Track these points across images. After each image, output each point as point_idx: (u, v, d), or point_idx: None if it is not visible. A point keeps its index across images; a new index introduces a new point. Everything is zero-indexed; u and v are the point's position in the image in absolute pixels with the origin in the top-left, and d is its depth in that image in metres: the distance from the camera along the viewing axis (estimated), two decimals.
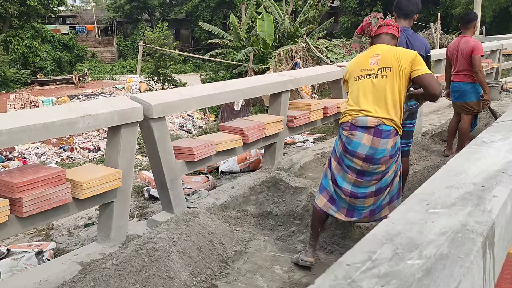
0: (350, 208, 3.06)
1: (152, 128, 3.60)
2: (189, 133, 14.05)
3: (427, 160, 5.78)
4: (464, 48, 5.36)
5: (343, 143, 2.99)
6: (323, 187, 3.16)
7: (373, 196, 3.00)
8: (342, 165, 3.02)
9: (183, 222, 3.34)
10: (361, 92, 2.97)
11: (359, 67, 3.02)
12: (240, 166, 5.75)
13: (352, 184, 3.00)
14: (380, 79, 2.93)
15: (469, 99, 5.50)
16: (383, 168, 2.93)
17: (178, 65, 24.04)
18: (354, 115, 2.95)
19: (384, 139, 2.88)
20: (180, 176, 3.98)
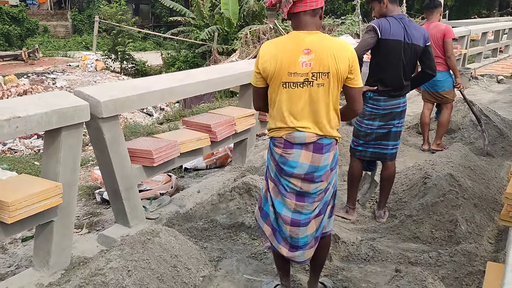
0: (293, 241, 2.46)
1: (102, 130, 2.99)
2: (150, 116, 13.31)
3: (406, 156, 5.41)
4: (435, 33, 5.12)
5: (276, 162, 2.40)
6: (265, 213, 2.54)
7: (314, 218, 2.44)
8: (279, 186, 2.43)
9: (140, 245, 2.77)
10: (294, 106, 2.31)
11: (289, 68, 2.27)
12: (206, 163, 5.20)
13: (292, 211, 2.42)
14: (316, 88, 2.28)
15: (442, 88, 5.28)
16: (325, 185, 2.40)
17: (137, 42, 22.91)
18: (288, 131, 2.34)
19: (326, 153, 2.35)
20: (136, 183, 3.40)
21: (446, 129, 5.50)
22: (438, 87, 5.25)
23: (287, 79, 2.29)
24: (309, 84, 2.27)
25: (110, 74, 18.06)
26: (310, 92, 2.29)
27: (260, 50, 2.38)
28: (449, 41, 5.10)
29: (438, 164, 3.95)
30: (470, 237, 3.24)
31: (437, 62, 5.09)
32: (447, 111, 5.37)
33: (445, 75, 5.19)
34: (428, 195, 3.56)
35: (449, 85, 5.26)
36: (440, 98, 5.34)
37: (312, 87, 2.28)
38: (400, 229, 3.48)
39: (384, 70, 3.48)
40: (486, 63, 12.96)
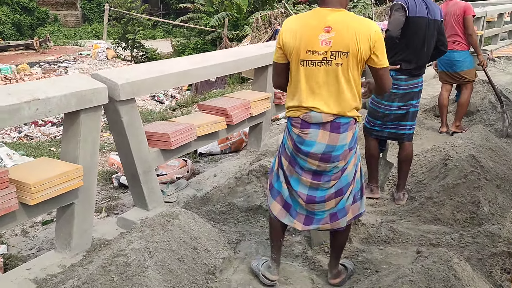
0: (309, 214, 2.49)
1: (120, 113, 2.97)
2: (161, 103, 13.30)
3: (423, 138, 5.35)
4: (455, 10, 5.01)
5: (293, 141, 2.40)
6: (276, 191, 2.55)
7: (333, 198, 2.43)
8: (295, 166, 2.42)
9: (160, 227, 2.76)
10: (310, 84, 2.28)
11: (307, 46, 2.23)
12: (220, 147, 5.18)
13: (308, 188, 2.42)
14: (334, 68, 2.23)
15: (461, 68, 5.16)
16: (343, 164, 2.37)
17: (147, 30, 22.82)
18: (304, 110, 2.31)
19: (343, 133, 2.31)
20: (154, 167, 3.39)
21: (466, 110, 5.40)
22: (457, 67, 5.14)
23: (305, 57, 2.26)
24: (327, 63, 2.23)
25: (121, 62, 18.06)
26: (328, 71, 2.25)
27: (282, 25, 2.36)
28: (470, 18, 4.96)
29: (459, 145, 3.88)
30: (493, 219, 3.19)
31: (456, 41, 5.01)
32: (466, 91, 5.25)
33: (464, 55, 5.08)
34: (449, 176, 3.50)
35: (468, 64, 5.14)
36: (459, 78, 5.22)
37: (330, 66, 2.23)
38: (420, 211, 3.44)
39: (410, 48, 3.42)
40: (502, 45, 12.72)
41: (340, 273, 2.70)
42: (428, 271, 2.18)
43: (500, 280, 2.56)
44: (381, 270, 2.72)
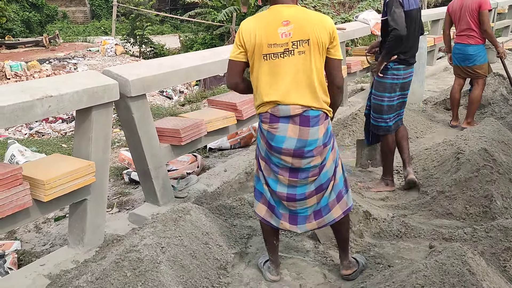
0: (292, 213, 2.49)
1: (131, 109, 2.98)
2: (170, 99, 13.31)
3: (434, 132, 5.31)
4: (470, 4, 4.91)
5: (265, 139, 2.39)
6: (259, 192, 2.56)
7: (314, 195, 2.43)
8: (270, 165, 2.43)
9: (172, 222, 2.78)
10: (275, 78, 2.29)
11: (268, 40, 2.26)
12: (230, 142, 5.18)
13: (287, 186, 2.42)
14: (297, 57, 2.26)
15: (473, 62, 5.07)
16: (319, 160, 2.35)
17: (155, 26, 22.83)
18: (272, 105, 2.31)
19: (314, 127, 2.29)
20: (165, 162, 3.40)
21: (477, 106, 5.30)
22: (470, 61, 5.06)
23: (267, 51, 2.29)
24: (289, 53, 2.27)
25: (130, 58, 18.12)
26: (292, 61, 2.27)
27: (240, 25, 2.40)
28: (485, 12, 4.85)
29: (471, 139, 3.84)
30: (506, 213, 3.16)
31: (471, 35, 4.93)
32: (478, 87, 5.16)
33: (478, 49, 4.99)
34: (461, 170, 3.47)
35: (481, 59, 5.04)
36: (472, 73, 5.13)
37: (293, 55, 2.27)
38: (432, 205, 3.42)
39: (406, 39, 3.47)
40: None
41: (351, 264, 2.70)
42: (442, 266, 2.16)
43: None
44: (394, 265, 2.70)
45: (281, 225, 2.55)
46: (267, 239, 2.70)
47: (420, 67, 6.11)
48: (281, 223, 2.54)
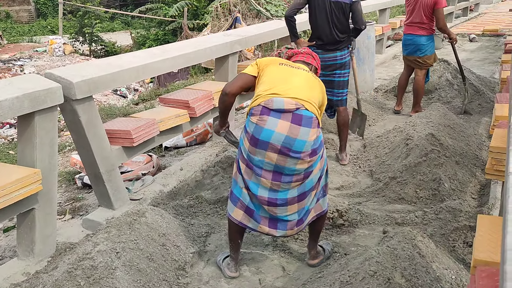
0: (272, 217, 2.48)
1: (77, 112, 2.89)
2: (124, 97, 13.02)
3: (385, 119, 5.45)
4: (427, 1, 4.93)
5: (250, 135, 2.33)
6: (235, 196, 2.52)
7: (296, 202, 2.42)
8: (253, 167, 2.38)
9: (126, 226, 2.72)
10: (283, 75, 2.44)
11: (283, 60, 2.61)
12: (186, 140, 5.12)
13: (268, 190, 2.39)
14: (310, 74, 2.54)
15: (423, 53, 5.15)
16: (305, 166, 2.34)
17: (105, 23, 22.22)
18: (267, 97, 2.33)
19: (305, 127, 2.29)
20: (117, 165, 3.32)
21: (423, 94, 5.41)
22: (421, 51, 5.12)
23: (284, 62, 2.56)
24: (303, 69, 2.53)
25: (80, 57, 17.53)
26: (302, 72, 2.50)
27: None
28: (441, 10, 4.88)
29: (419, 124, 3.97)
30: (454, 194, 3.29)
31: (422, 27, 5.04)
32: (421, 76, 5.25)
33: (428, 39, 5.07)
34: (410, 156, 3.58)
35: (431, 49, 5.14)
36: (420, 63, 5.19)
37: (304, 71, 2.52)
38: (385, 192, 3.51)
39: (317, 27, 3.93)
40: (457, 22, 13.06)
41: (318, 254, 2.74)
42: (393, 251, 2.23)
43: (462, 254, 2.65)
44: (350, 253, 2.76)
45: (260, 228, 2.52)
46: (233, 238, 2.67)
47: (369, 56, 6.25)
48: (259, 226, 2.51)
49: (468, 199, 3.29)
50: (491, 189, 3.26)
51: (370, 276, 2.13)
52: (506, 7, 15.64)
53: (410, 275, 2.11)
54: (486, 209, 3.00)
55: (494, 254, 1.37)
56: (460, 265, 2.41)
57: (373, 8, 9.31)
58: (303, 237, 3.01)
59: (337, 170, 4.03)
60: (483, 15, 14.77)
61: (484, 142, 4.23)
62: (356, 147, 4.49)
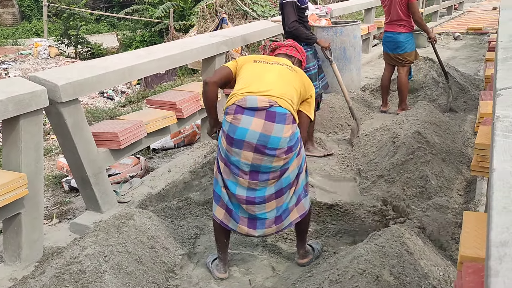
0: (251, 217, 2.48)
1: (63, 115, 2.86)
2: (111, 99, 12.92)
3: (372, 118, 5.47)
4: None
5: (226, 134, 2.36)
6: (217, 195, 2.55)
7: (274, 199, 2.43)
8: (230, 166, 2.40)
9: (114, 229, 2.70)
10: (257, 72, 2.47)
11: (259, 56, 2.64)
12: (174, 142, 5.10)
13: (246, 189, 2.40)
14: (285, 68, 2.53)
15: (404, 50, 5.19)
16: (281, 163, 2.35)
17: (90, 25, 22.05)
18: (241, 95, 2.35)
19: (279, 124, 2.29)
20: (105, 168, 3.30)
21: (407, 91, 5.42)
22: (400, 49, 5.17)
23: (258, 59, 2.57)
24: (279, 64, 2.54)
25: (65, 59, 17.36)
26: (279, 68, 2.50)
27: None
28: (414, 3, 4.94)
29: (405, 123, 4.00)
30: (441, 191, 3.32)
31: (401, 24, 5.09)
32: (403, 73, 5.27)
33: (407, 36, 5.12)
34: (397, 154, 3.61)
35: (410, 46, 5.18)
36: (401, 60, 5.24)
37: (281, 66, 2.52)
38: (373, 190, 3.53)
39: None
40: (442, 21, 13.18)
41: (307, 253, 2.75)
42: (382, 249, 2.25)
43: (450, 250, 2.68)
44: (339, 251, 2.77)
45: (239, 228, 2.52)
46: (218, 238, 2.67)
47: (356, 55, 6.29)
48: (238, 226, 2.51)
49: (455, 196, 3.32)
50: (477, 185, 3.29)
51: (359, 274, 2.14)
52: (489, 6, 15.82)
53: (399, 273, 2.13)
54: (472, 206, 3.03)
55: (480, 250, 1.38)
56: (447, 261, 2.44)
57: (359, 8, 9.37)
58: (292, 237, 3.01)
59: (325, 169, 4.05)
60: (467, 14, 14.93)
61: (469, 139, 4.27)
62: (344, 146, 4.51)
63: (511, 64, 2.16)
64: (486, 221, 1.21)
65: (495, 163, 1.13)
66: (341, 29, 5.90)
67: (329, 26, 6.07)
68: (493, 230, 0.85)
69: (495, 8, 14.20)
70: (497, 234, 0.85)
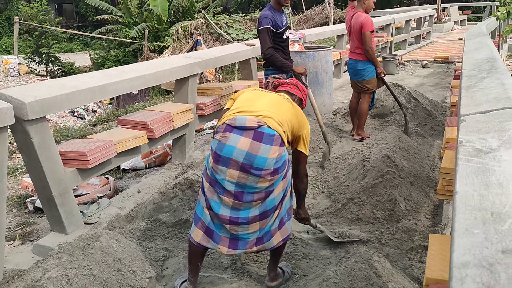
0: (233, 237, 2.46)
1: (29, 133, 2.79)
2: (82, 119, 12.71)
3: (343, 141, 5.55)
4: (355, 24, 5.11)
5: (214, 152, 2.36)
6: (197, 217, 2.52)
7: (258, 220, 2.41)
8: (215, 185, 2.38)
9: (79, 251, 2.62)
10: (253, 98, 2.51)
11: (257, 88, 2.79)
12: (144, 162, 5.04)
13: (230, 208, 2.38)
14: (281, 97, 2.56)
15: (362, 77, 5.27)
16: (266, 184, 2.34)
17: (63, 43, 21.81)
18: (232, 115, 2.38)
19: (266, 144, 2.29)
20: (71, 188, 3.22)
21: (366, 118, 5.50)
22: (359, 76, 5.26)
23: (258, 89, 2.65)
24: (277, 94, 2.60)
25: (35, 77, 17.07)
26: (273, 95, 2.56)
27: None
28: (367, 34, 5.00)
29: (375, 146, 4.07)
30: (409, 214, 3.37)
31: (358, 53, 5.22)
32: (365, 100, 5.36)
33: (365, 64, 5.18)
34: (367, 177, 3.66)
35: (369, 74, 5.22)
36: (361, 87, 5.32)
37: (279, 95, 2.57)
38: (343, 212, 3.56)
39: None
40: (411, 49, 13.62)
41: (277, 276, 2.72)
42: (351, 271, 2.25)
43: (418, 273, 2.71)
44: (309, 274, 2.76)
45: (219, 249, 2.48)
46: (192, 261, 2.62)
47: (328, 80, 6.40)
48: (219, 247, 2.47)
49: (423, 219, 3.37)
50: (444, 209, 3.36)
51: None
52: (456, 36, 16.47)
53: None
54: (439, 229, 3.09)
55: (445, 272, 1.40)
56: (415, 284, 2.46)
57: (331, 34, 9.61)
58: (262, 259, 2.99)
59: None
60: (434, 43, 15.48)
61: (436, 163, 4.38)
62: (315, 169, 4.54)
63: (474, 92, 2.23)
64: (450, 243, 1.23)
65: (458, 186, 1.15)
66: (313, 54, 6.01)
67: (302, 50, 6.18)
68: (455, 252, 0.86)
69: (460, 39, 14.79)
70: (459, 256, 0.86)
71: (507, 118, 1.62)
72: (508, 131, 1.45)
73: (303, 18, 19.74)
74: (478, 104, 1.94)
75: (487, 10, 22.56)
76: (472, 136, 1.49)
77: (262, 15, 4.15)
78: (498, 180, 1.14)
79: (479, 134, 1.51)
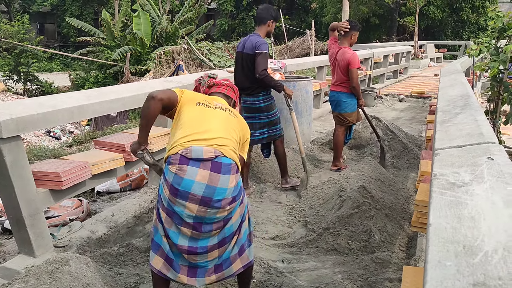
0: (192, 265, 2.41)
1: (2, 151, 2.73)
2: (58, 139, 12.50)
3: (321, 171, 5.58)
4: (341, 60, 5.16)
5: (170, 186, 2.26)
6: (156, 244, 2.42)
7: (216, 248, 2.38)
8: (173, 217, 2.30)
9: (47, 275, 2.53)
10: (201, 119, 2.41)
11: (201, 96, 2.58)
12: (120, 185, 4.96)
13: (189, 239, 2.33)
14: (228, 114, 2.53)
15: (344, 109, 5.30)
16: (225, 214, 2.31)
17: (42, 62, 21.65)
18: (185, 145, 2.30)
19: (224, 175, 2.27)
20: (43, 209, 3.13)
21: (342, 150, 5.54)
22: (341, 108, 5.29)
23: (201, 100, 2.52)
24: (220, 108, 2.52)
25: (12, 96, 16.81)
26: (220, 112, 2.49)
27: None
28: (354, 70, 5.05)
29: (352, 177, 4.11)
30: (384, 246, 3.38)
31: (341, 85, 5.30)
32: (339, 132, 5.40)
33: (349, 97, 5.23)
34: (343, 207, 3.68)
35: (352, 107, 5.27)
36: (341, 119, 5.34)
37: (222, 110, 2.51)
38: (318, 242, 3.55)
39: (235, 74, 4.54)
40: (388, 83, 13.96)
41: None
42: None
43: None
44: None
45: (179, 278, 2.41)
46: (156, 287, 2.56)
47: (307, 109, 6.48)
48: (178, 276, 2.40)
49: (397, 251, 3.39)
50: (418, 241, 3.38)
51: None
52: (432, 72, 17.00)
53: None
54: (413, 261, 3.10)
55: None
56: None
57: (311, 65, 9.80)
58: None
59: (273, 220, 4.04)
60: (411, 78, 15.92)
61: (411, 196, 4.43)
62: (292, 197, 4.55)
63: (448, 127, 2.29)
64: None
65: (431, 218, 1.17)
66: (294, 84, 6.10)
67: (282, 80, 6.27)
68: (427, 283, 0.87)
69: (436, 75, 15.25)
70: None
71: (479, 153, 1.66)
72: (480, 166, 1.49)
73: (284, 48, 20.12)
74: (452, 138, 1.99)
75: (462, 49, 23.38)
76: (446, 169, 1.53)
77: (259, 40, 4.27)
78: (470, 214, 1.16)
79: (453, 168, 1.54)
